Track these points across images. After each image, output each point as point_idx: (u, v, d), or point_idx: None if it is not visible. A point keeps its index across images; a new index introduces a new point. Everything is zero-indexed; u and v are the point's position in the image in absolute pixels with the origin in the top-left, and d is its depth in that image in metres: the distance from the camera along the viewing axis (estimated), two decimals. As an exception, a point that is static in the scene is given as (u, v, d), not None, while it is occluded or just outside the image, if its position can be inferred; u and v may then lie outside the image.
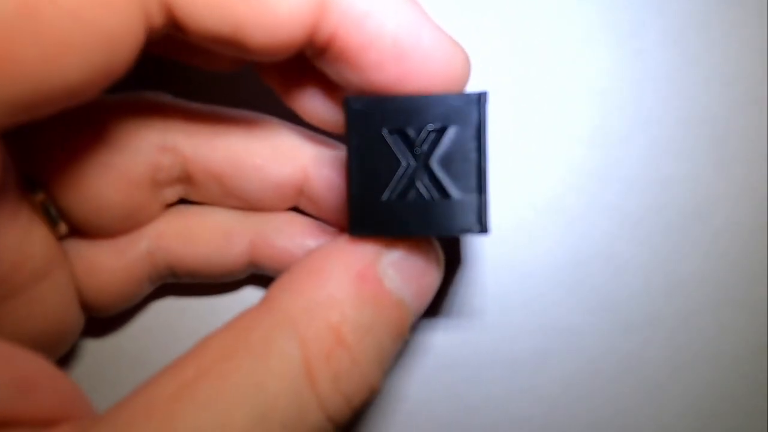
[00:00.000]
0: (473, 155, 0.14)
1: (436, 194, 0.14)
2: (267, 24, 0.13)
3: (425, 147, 0.14)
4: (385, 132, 0.14)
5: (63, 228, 0.17)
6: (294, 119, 0.18)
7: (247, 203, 0.19)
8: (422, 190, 0.14)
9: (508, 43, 0.21)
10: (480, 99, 0.14)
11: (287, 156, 0.18)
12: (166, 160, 0.17)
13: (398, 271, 0.15)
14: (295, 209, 0.19)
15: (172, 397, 0.12)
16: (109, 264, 0.18)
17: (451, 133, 0.14)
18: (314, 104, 0.17)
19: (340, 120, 0.16)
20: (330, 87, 0.16)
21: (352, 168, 0.14)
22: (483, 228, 0.14)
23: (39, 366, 0.13)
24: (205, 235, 0.18)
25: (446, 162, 0.14)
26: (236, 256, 0.19)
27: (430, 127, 0.14)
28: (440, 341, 0.21)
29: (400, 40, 0.14)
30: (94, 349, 0.21)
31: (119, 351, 0.20)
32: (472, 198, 0.14)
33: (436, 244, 0.16)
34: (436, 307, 0.21)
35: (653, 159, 0.21)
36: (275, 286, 0.14)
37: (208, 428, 0.11)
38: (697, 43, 0.21)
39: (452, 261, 0.21)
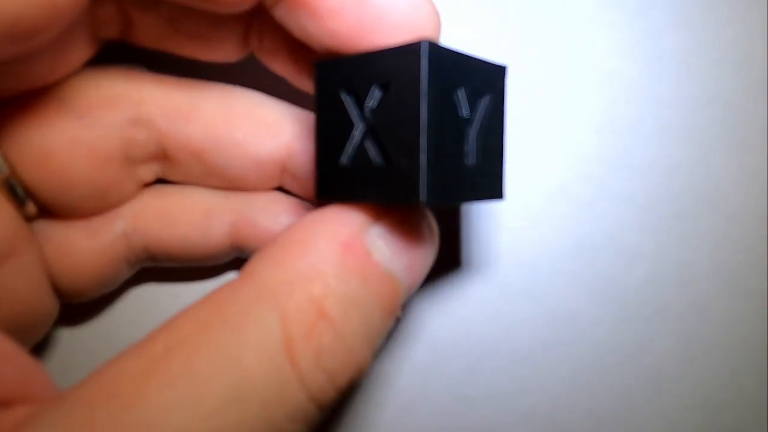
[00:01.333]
0: (413, 115, 0.12)
1: (381, 158, 0.13)
2: None
3: (372, 106, 0.13)
4: (342, 93, 0.13)
5: (31, 208, 0.16)
6: (279, 95, 0.18)
7: (229, 182, 0.18)
8: (371, 153, 0.13)
9: (515, 26, 0.20)
10: (419, 50, 0.12)
11: (269, 131, 0.17)
12: (139, 135, 0.16)
13: (388, 243, 0.14)
14: (280, 190, 0.19)
15: (140, 373, 0.11)
16: (83, 246, 0.17)
17: (394, 91, 0.12)
18: None
19: None
20: None
21: (318, 131, 0.14)
22: (417, 197, 0.12)
23: None
24: (185, 216, 0.18)
25: (390, 123, 0.12)
26: (217, 238, 0.18)
27: (375, 84, 0.13)
28: (441, 330, 0.21)
29: None
30: (69, 337, 0.20)
31: (96, 340, 0.20)
32: (412, 163, 0.12)
33: (430, 215, 0.15)
34: (437, 294, 0.21)
35: (663, 144, 0.21)
36: (255, 258, 0.13)
37: (178, 406, 0.11)
38: (707, 25, 0.20)
39: (450, 252, 0.20)
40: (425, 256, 0.15)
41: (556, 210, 0.20)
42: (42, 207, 0.16)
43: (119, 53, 0.16)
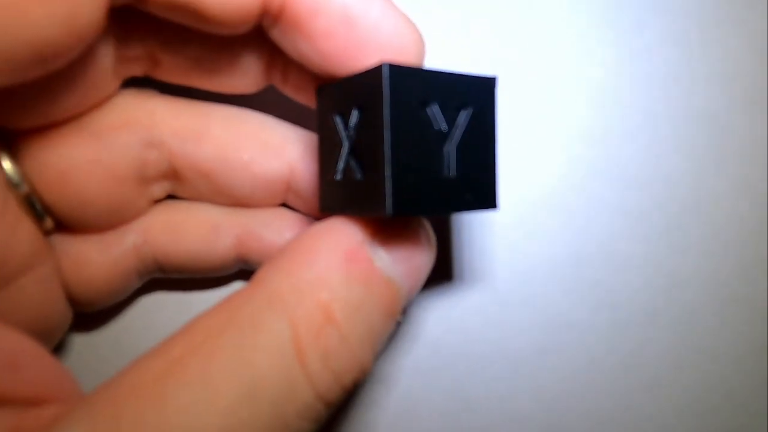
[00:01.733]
0: (379, 132, 0.13)
1: (360, 174, 0.14)
2: None
3: (353, 126, 0.14)
4: (334, 114, 0.14)
5: (49, 223, 0.17)
6: (283, 117, 0.18)
7: (236, 200, 0.18)
8: (354, 170, 0.14)
9: (509, 40, 0.21)
10: (381, 72, 0.13)
11: (275, 152, 0.18)
12: (152, 156, 0.17)
13: (389, 251, 0.14)
14: (284, 206, 0.19)
15: (159, 375, 0.12)
16: (96, 259, 0.17)
17: (366, 111, 0.13)
18: None
19: None
20: None
21: (319, 150, 0.15)
22: (383, 209, 0.13)
23: (25, 345, 0.13)
24: (192, 230, 0.18)
25: (365, 141, 0.13)
26: (224, 251, 0.18)
27: (355, 106, 0.14)
28: (439, 336, 0.21)
29: (349, 7, 0.14)
30: (82, 344, 0.20)
31: (107, 346, 0.20)
32: (379, 177, 0.13)
33: (427, 225, 0.16)
34: (436, 302, 0.21)
35: (653, 156, 0.21)
36: (264, 268, 0.14)
37: (195, 406, 0.11)
38: (698, 41, 0.21)
39: (448, 262, 0.21)
40: (423, 263, 0.15)
41: (550, 220, 0.21)
42: (59, 222, 0.17)
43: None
